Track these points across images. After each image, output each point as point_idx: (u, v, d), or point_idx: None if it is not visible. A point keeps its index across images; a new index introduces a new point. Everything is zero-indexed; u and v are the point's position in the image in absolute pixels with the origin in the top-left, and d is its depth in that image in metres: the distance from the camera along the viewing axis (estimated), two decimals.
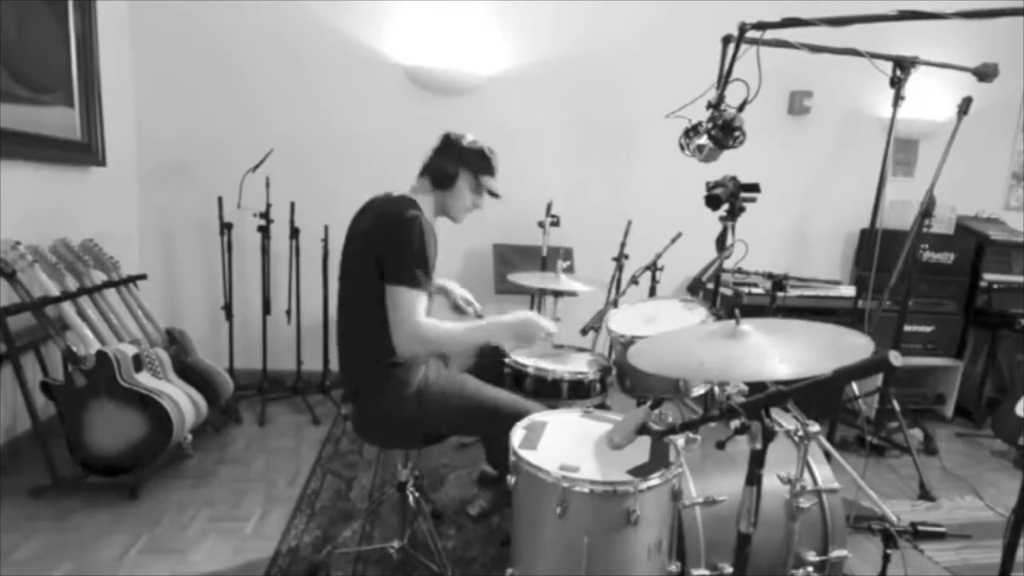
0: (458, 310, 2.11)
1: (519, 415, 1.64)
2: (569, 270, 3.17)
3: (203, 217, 3.18)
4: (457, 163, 1.79)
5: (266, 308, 3.14)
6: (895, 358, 0.90)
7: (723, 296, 3.14)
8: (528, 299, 3.21)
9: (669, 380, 1.75)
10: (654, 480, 1.23)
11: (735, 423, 1.08)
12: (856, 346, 1.11)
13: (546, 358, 2.08)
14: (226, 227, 3.00)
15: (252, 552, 1.98)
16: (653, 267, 2.48)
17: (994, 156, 4.04)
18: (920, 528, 2.24)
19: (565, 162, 3.54)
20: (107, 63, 2.85)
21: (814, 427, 1.15)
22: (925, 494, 2.57)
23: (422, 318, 1.64)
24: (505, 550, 1.97)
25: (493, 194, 1.87)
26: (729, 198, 1.92)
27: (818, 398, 1.43)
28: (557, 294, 2.51)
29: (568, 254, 3.40)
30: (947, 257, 3.46)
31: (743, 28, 1.88)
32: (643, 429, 1.23)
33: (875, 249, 2.39)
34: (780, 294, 2.82)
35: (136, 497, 2.23)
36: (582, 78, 3.45)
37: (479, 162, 1.81)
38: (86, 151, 2.79)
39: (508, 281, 2.51)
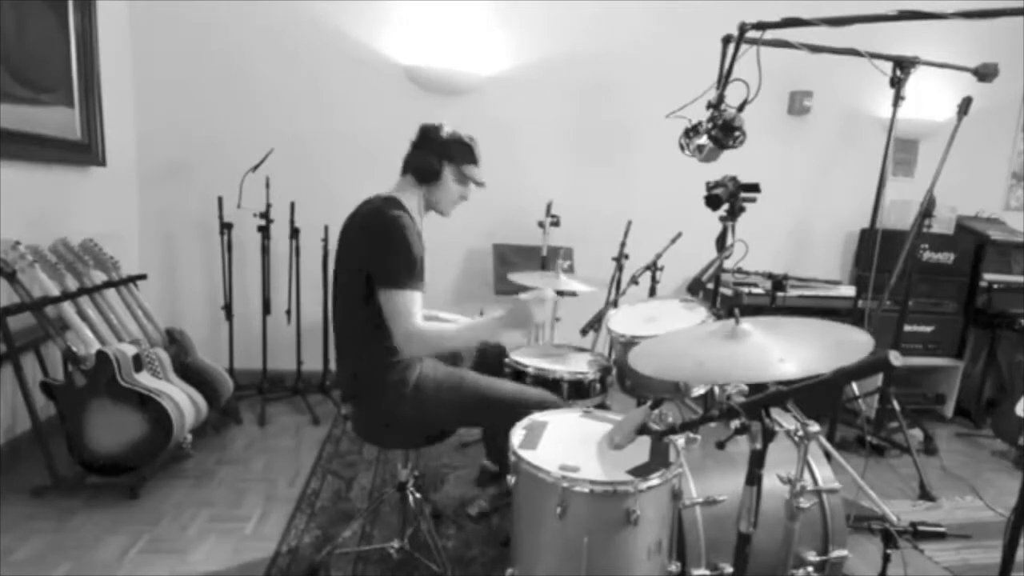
0: None
1: (522, 404, 1.64)
2: (569, 270, 3.16)
3: (203, 217, 3.18)
4: (440, 156, 1.76)
5: (266, 308, 3.14)
6: (895, 358, 0.90)
7: (723, 296, 3.13)
8: None
9: (669, 380, 1.75)
10: (654, 480, 1.24)
11: (735, 423, 1.08)
12: (856, 344, 1.11)
13: (546, 358, 2.08)
14: (226, 227, 3.00)
15: (252, 552, 1.98)
16: (653, 267, 2.48)
17: (994, 156, 4.04)
18: (920, 528, 2.23)
19: (565, 162, 3.53)
20: (107, 63, 2.85)
21: (814, 427, 1.15)
22: (925, 494, 2.57)
23: (419, 320, 1.63)
24: (505, 550, 1.97)
25: (478, 183, 1.85)
26: (729, 198, 1.92)
27: (818, 398, 1.43)
28: (558, 294, 2.51)
29: (568, 254, 3.40)
30: (947, 257, 3.45)
31: (743, 28, 1.88)
32: (643, 429, 1.23)
33: (875, 249, 2.40)
34: (780, 294, 2.82)
35: (136, 497, 2.23)
36: (582, 78, 3.45)
37: (462, 152, 1.79)
38: (86, 151, 2.79)
39: (508, 281, 2.51)
